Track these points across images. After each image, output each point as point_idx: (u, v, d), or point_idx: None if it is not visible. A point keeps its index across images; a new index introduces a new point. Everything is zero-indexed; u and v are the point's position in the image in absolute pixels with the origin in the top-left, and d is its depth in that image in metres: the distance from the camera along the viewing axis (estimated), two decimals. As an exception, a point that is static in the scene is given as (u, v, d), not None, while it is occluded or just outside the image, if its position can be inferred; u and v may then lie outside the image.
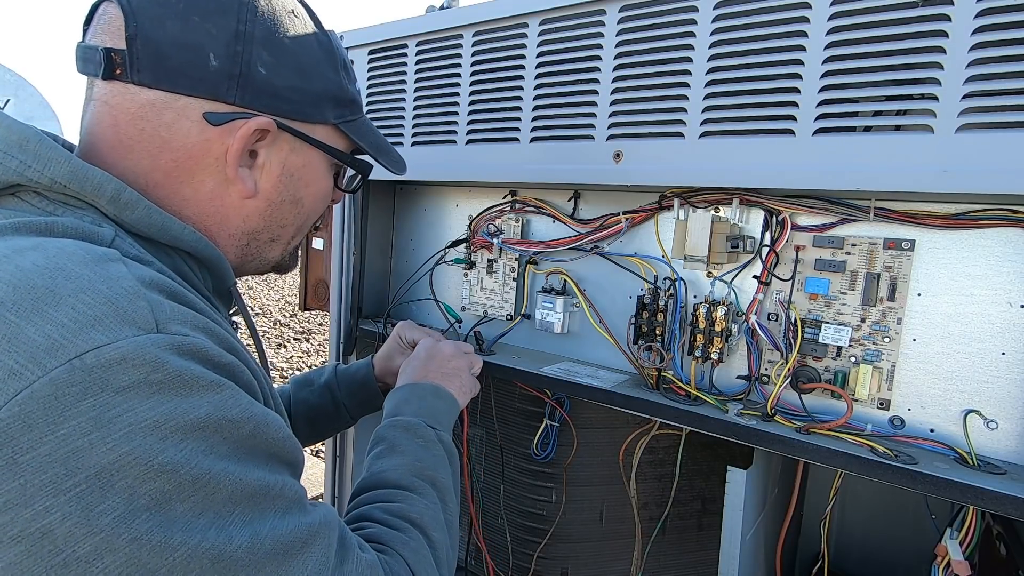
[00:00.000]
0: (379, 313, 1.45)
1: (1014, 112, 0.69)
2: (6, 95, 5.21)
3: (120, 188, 0.55)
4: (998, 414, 0.80)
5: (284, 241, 0.73)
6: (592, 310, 1.12)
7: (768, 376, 0.96)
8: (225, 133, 0.61)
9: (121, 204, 0.55)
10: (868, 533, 1.38)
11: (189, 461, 0.44)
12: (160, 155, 0.60)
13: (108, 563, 0.40)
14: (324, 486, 1.48)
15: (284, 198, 0.69)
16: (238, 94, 0.61)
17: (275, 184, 0.67)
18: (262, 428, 0.51)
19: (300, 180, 0.69)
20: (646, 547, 1.19)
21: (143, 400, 0.43)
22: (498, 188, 1.26)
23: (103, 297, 0.44)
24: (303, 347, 6.65)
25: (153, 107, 0.59)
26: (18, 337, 0.41)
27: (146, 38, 0.57)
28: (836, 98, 0.79)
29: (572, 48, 1.01)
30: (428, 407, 0.88)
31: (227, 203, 0.65)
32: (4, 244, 0.47)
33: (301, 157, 0.68)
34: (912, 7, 0.73)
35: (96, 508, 0.40)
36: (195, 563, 0.43)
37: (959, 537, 0.83)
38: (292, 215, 0.71)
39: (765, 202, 0.93)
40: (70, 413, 0.40)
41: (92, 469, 0.40)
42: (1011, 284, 0.79)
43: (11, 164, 0.52)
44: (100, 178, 0.54)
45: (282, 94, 0.63)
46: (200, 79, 0.59)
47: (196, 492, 0.44)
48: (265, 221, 0.69)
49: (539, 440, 1.19)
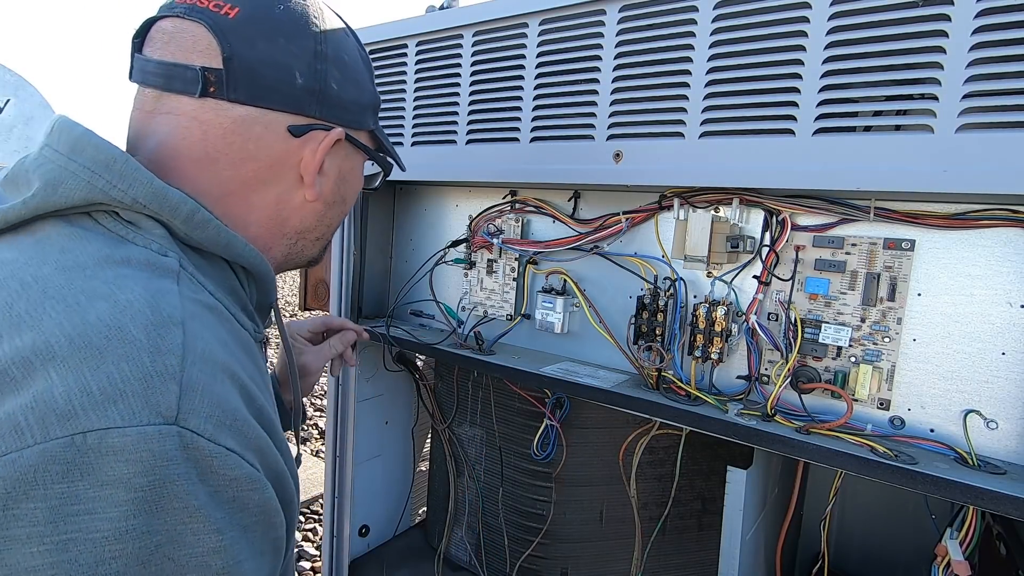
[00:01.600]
0: (379, 313, 1.45)
1: (1014, 112, 0.69)
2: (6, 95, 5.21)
3: (195, 209, 0.58)
4: (998, 414, 0.80)
5: (326, 239, 0.78)
6: (592, 310, 1.12)
7: (768, 376, 0.96)
8: (303, 143, 0.66)
9: (193, 224, 0.58)
10: (868, 533, 1.38)
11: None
12: (243, 166, 0.64)
13: None
14: (324, 486, 1.48)
15: (336, 199, 0.74)
16: (317, 108, 0.66)
17: (333, 188, 0.72)
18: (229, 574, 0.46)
19: (348, 183, 0.75)
20: (646, 547, 1.19)
21: (109, 507, 0.39)
22: (498, 188, 1.26)
23: (141, 372, 0.43)
24: (303, 347, 6.64)
25: (244, 122, 0.63)
26: (45, 396, 0.40)
27: (241, 58, 0.61)
28: (836, 98, 0.79)
29: (572, 48, 1.01)
30: None
31: (291, 205, 0.69)
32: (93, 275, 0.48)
33: (351, 161, 0.74)
34: (912, 7, 0.73)
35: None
36: None
37: (959, 537, 0.83)
38: (338, 215, 0.76)
39: (765, 202, 0.93)
40: (36, 494, 0.38)
41: (5, 569, 0.37)
42: (1011, 284, 0.79)
43: (99, 183, 0.53)
44: (177, 199, 0.57)
45: (347, 106, 0.69)
46: (288, 95, 0.64)
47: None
48: (318, 221, 0.73)
49: (539, 440, 1.19)
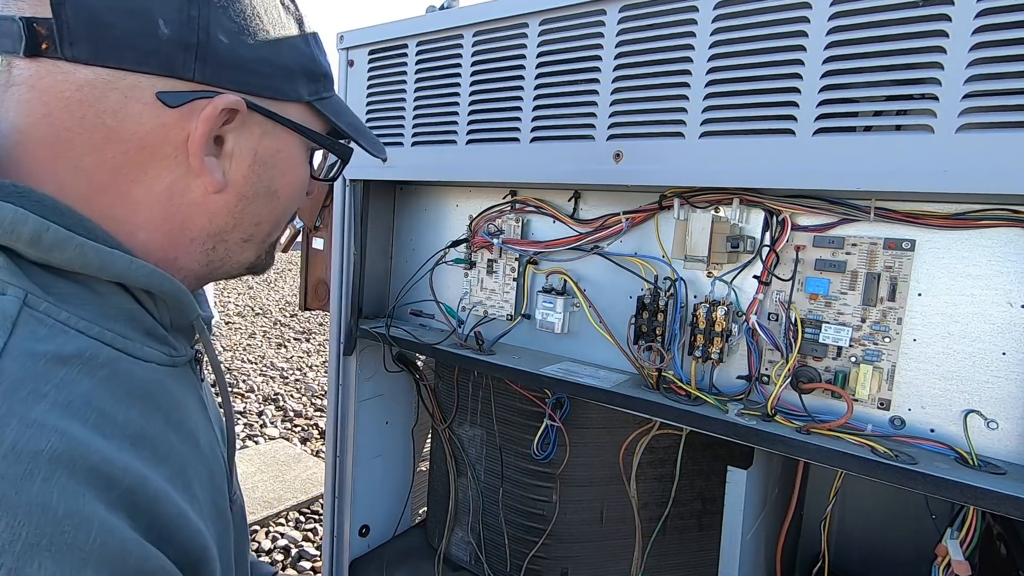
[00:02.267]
0: (379, 313, 1.45)
1: (1014, 112, 0.69)
2: (6, 95, 5.19)
3: (40, 228, 0.44)
4: (998, 414, 0.80)
5: (259, 240, 0.63)
6: (592, 310, 1.12)
7: (768, 376, 0.96)
8: (185, 116, 0.51)
9: (43, 247, 0.45)
10: (868, 533, 1.38)
11: None
12: (106, 148, 0.50)
13: None
14: (324, 486, 1.48)
15: (258, 190, 0.59)
16: (197, 68, 0.51)
17: (246, 174, 0.57)
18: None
19: (275, 168, 0.60)
20: (646, 547, 1.19)
21: None
22: (498, 188, 1.26)
23: None
24: (303, 347, 6.65)
25: (94, 88, 0.48)
26: None
27: (77, 2, 0.47)
28: (836, 98, 0.79)
29: (572, 48, 1.01)
30: None
31: (189, 200, 0.55)
32: None
33: (275, 141, 0.59)
34: (912, 7, 0.73)
35: None
36: None
37: (959, 537, 0.83)
38: (267, 210, 0.61)
39: (765, 202, 0.93)
40: None
41: None
42: (1011, 284, 0.79)
43: None
44: (12, 217, 0.43)
45: (250, 66, 0.54)
46: (149, 51, 0.49)
47: None
48: (236, 218, 0.59)
49: (539, 440, 1.19)
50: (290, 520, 3.18)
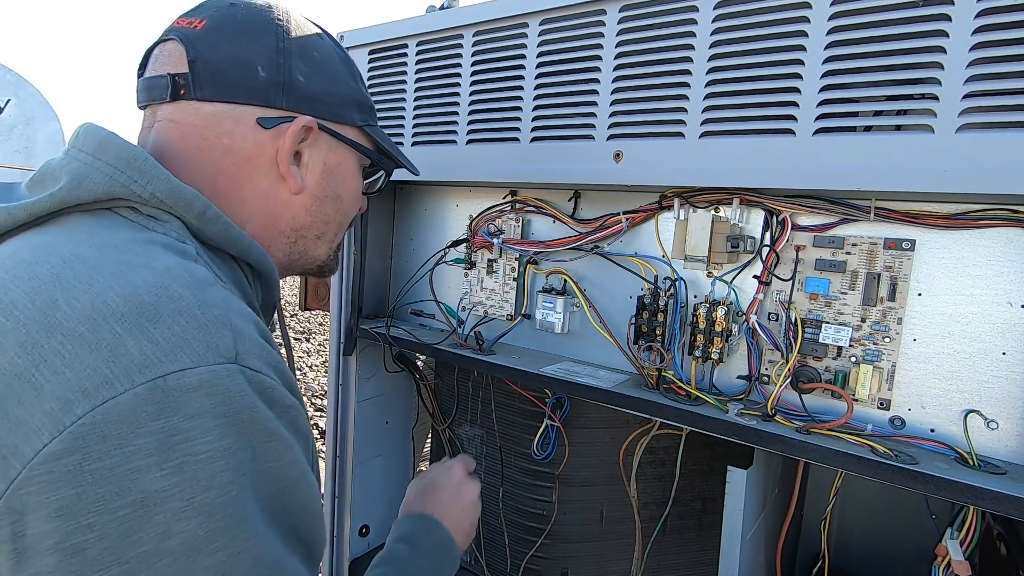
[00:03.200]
0: (379, 313, 1.45)
1: (1014, 112, 0.69)
2: (6, 95, 5.21)
3: (207, 205, 0.62)
4: (998, 414, 0.80)
5: (329, 238, 0.79)
6: (592, 310, 1.12)
7: (768, 376, 0.96)
8: (276, 135, 0.69)
9: (206, 219, 0.62)
10: (868, 533, 1.38)
11: (227, 508, 0.46)
12: (223, 160, 0.67)
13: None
14: (324, 486, 1.48)
15: (327, 194, 0.76)
16: (284, 99, 0.69)
17: (318, 180, 0.74)
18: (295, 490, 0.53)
19: (338, 177, 0.76)
20: (646, 547, 1.19)
21: (205, 432, 0.46)
22: (498, 188, 1.26)
23: (197, 323, 0.49)
24: (303, 347, 6.65)
25: (215, 118, 0.67)
26: (119, 347, 0.45)
27: (205, 60, 0.66)
28: (836, 98, 0.79)
29: (572, 48, 1.01)
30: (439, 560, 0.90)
31: (279, 201, 0.72)
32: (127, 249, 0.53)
33: (337, 155, 0.76)
34: (912, 7, 0.73)
35: (131, 537, 0.42)
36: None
37: (959, 537, 0.83)
38: (334, 211, 0.78)
39: (765, 202, 0.93)
40: (142, 431, 0.43)
41: (140, 493, 0.42)
42: (1011, 284, 0.79)
43: (120, 179, 0.58)
44: (191, 195, 0.61)
45: (318, 97, 0.71)
46: (252, 89, 0.67)
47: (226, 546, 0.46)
48: (311, 217, 0.75)
49: (539, 440, 1.19)
50: (290, 520, 3.18)
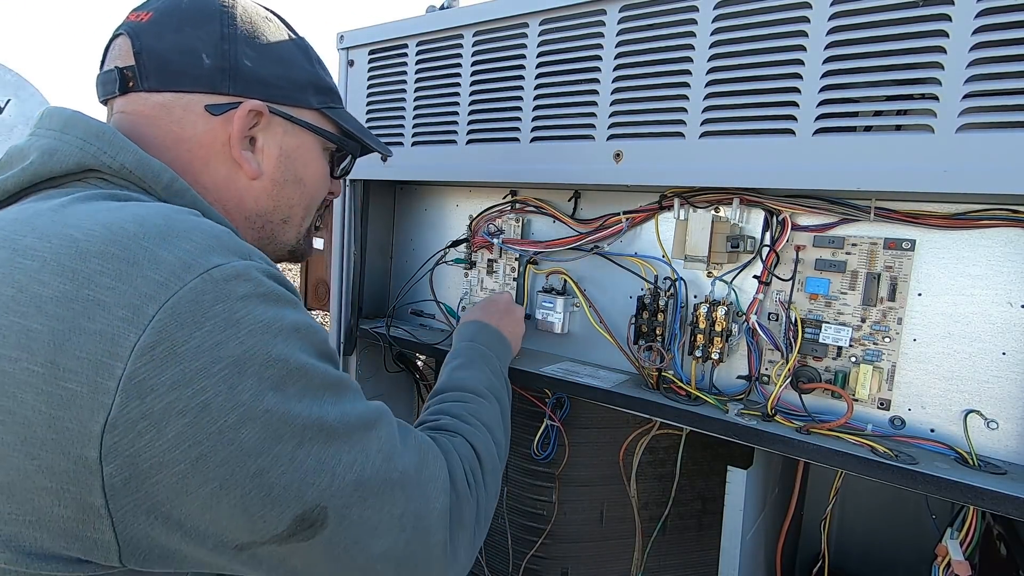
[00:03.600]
0: (379, 313, 1.45)
1: (1014, 112, 0.68)
2: (6, 95, 5.21)
3: (174, 177, 0.64)
4: (998, 414, 0.80)
5: (296, 222, 0.80)
6: (592, 310, 1.12)
7: (768, 376, 0.96)
8: (226, 122, 0.69)
9: (173, 191, 0.64)
10: (868, 533, 1.38)
11: (292, 355, 0.55)
12: (176, 148, 0.68)
13: (249, 429, 0.51)
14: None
15: (287, 178, 0.76)
16: (230, 85, 0.69)
17: (276, 164, 0.75)
18: (327, 340, 0.62)
19: (298, 160, 0.77)
20: (646, 547, 1.19)
21: (256, 307, 0.53)
22: (498, 188, 1.26)
23: (209, 234, 0.54)
24: (303, 347, 6.64)
25: (164, 107, 0.68)
26: (157, 258, 0.50)
27: (149, 51, 0.67)
28: (836, 98, 0.79)
29: (572, 48, 1.01)
30: (497, 347, 1.03)
31: (239, 186, 0.73)
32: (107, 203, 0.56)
33: (295, 139, 0.76)
34: (912, 7, 0.73)
35: (237, 387, 0.50)
36: (308, 430, 0.55)
37: (959, 537, 0.83)
38: (297, 195, 0.78)
39: (765, 202, 0.93)
40: (209, 314, 0.50)
41: (230, 358, 0.50)
42: (1011, 284, 0.79)
43: (90, 149, 0.60)
44: (158, 167, 0.63)
45: (268, 81, 0.72)
46: (197, 76, 0.68)
47: (301, 378, 0.55)
48: (274, 201, 0.76)
49: (539, 440, 1.19)
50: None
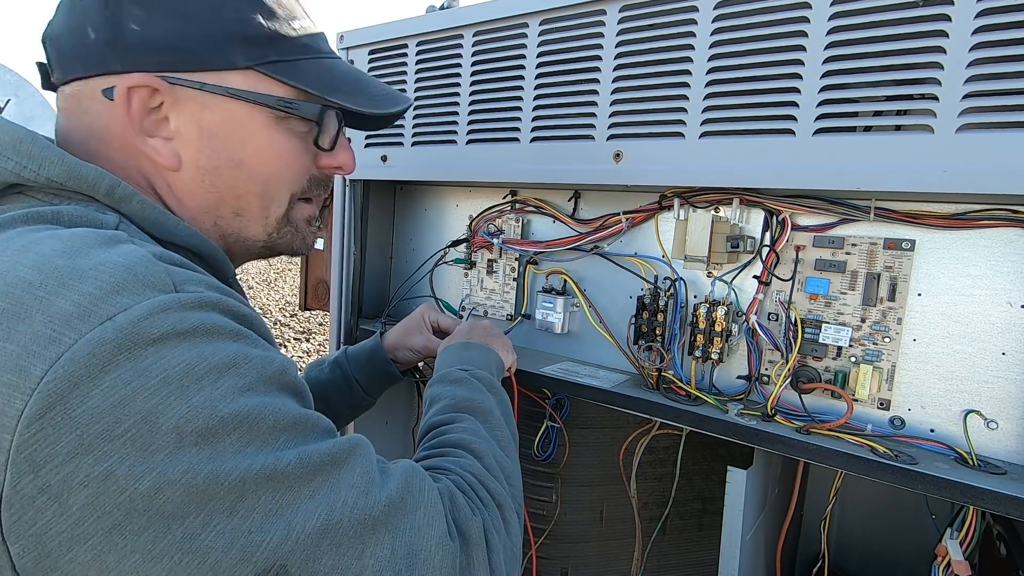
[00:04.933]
0: (379, 313, 1.45)
1: (1014, 112, 0.68)
2: (6, 95, 5.21)
3: (115, 183, 0.55)
4: (998, 414, 0.80)
5: (255, 213, 0.67)
6: (592, 310, 1.12)
7: (768, 376, 0.96)
8: (123, 105, 0.58)
9: (117, 198, 0.55)
10: (868, 533, 1.38)
11: (223, 400, 0.46)
12: (91, 142, 0.59)
13: (168, 495, 0.43)
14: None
15: (218, 163, 0.63)
16: (117, 59, 0.57)
17: (198, 148, 0.61)
18: (288, 370, 0.53)
19: (228, 139, 0.62)
20: (646, 547, 1.19)
21: (172, 349, 0.45)
22: (498, 188, 1.26)
23: (122, 267, 0.46)
24: (303, 347, 6.65)
25: (74, 98, 0.59)
26: (51, 310, 0.44)
27: (50, 38, 0.59)
28: (836, 98, 0.79)
29: (572, 48, 1.01)
30: (458, 357, 0.92)
31: (168, 181, 0.62)
32: (18, 236, 0.49)
33: (218, 113, 0.61)
34: (912, 7, 0.73)
35: (149, 448, 0.43)
36: (249, 484, 0.46)
37: (959, 537, 0.83)
38: (242, 180, 0.64)
39: (765, 202, 0.93)
40: (110, 367, 0.43)
41: (138, 415, 0.43)
42: (1011, 284, 0.79)
43: (7, 165, 0.52)
44: (94, 175, 0.54)
45: (162, 45, 0.58)
46: (88, 57, 0.57)
47: (239, 426, 0.47)
48: (212, 194, 0.63)
49: (539, 440, 1.19)
50: (290, 520, 3.18)
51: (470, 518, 0.61)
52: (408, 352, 1.11)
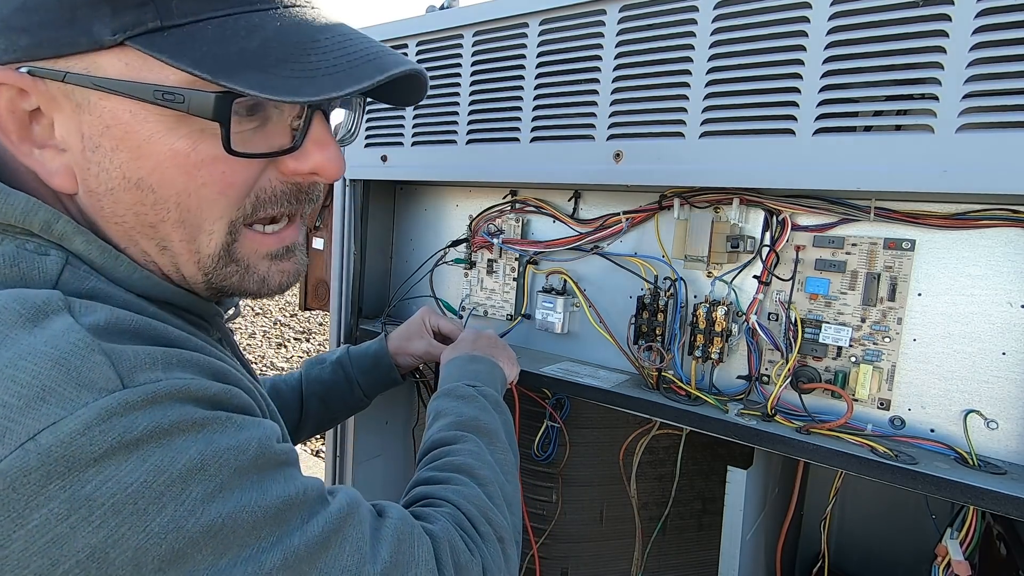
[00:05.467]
0: (379, 313, 1.45)
1: (1014, 112, 0.68)
2: (6, 95, 5.17)
3: (52, 216, 0.43)
4: (998, 414, 0.80)
5: (177, 247, 0.49)
6: (592, 310, 1.12)
7: (768, 376, 0.96)
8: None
9: (56, 236, 0.44)
10: (868, 533, 1.38)
11: (195, 512, 0.39)
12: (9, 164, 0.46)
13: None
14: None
15: (111, 185, 0.46)
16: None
17: (84, 166, 0.46)
18: (265, 443, 0.45)
19: (116, 151, 0.45)
20: (646, 547, 1.19)
21: (121, 465, 0.36)
22: (498, 188, 1.26)
23: (49, 360, 0.36)
24: (303, 347, 6.65)
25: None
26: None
27: None
28: (836, 98, 0.79)
29: (572, 48, 1.01)
30: (465, 372, 0.89)
31: (76, 209, 0.48)
32: None
33: (96, 115, 0.44)
34: (912, 7, 0.73)
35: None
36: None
37: (959, 537, 0.83)
38: (148, 206, 0.46)
39: (765, 202, 0.93)
40: (36, 502, 0.34)
41: (82, 552, 0.35)
42: (1011, 284, 0.79)
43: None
44: (24, 205, 0.43)
45: (11, 23, 0.42)
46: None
47: (211, 539, 0.39)
48: (119, 224, 0.48)
49: (540, 441, 1.19)
50: (290, 520, 3.18)
51: (469, 561, 0.58)
52: (409, 357, 1.11)
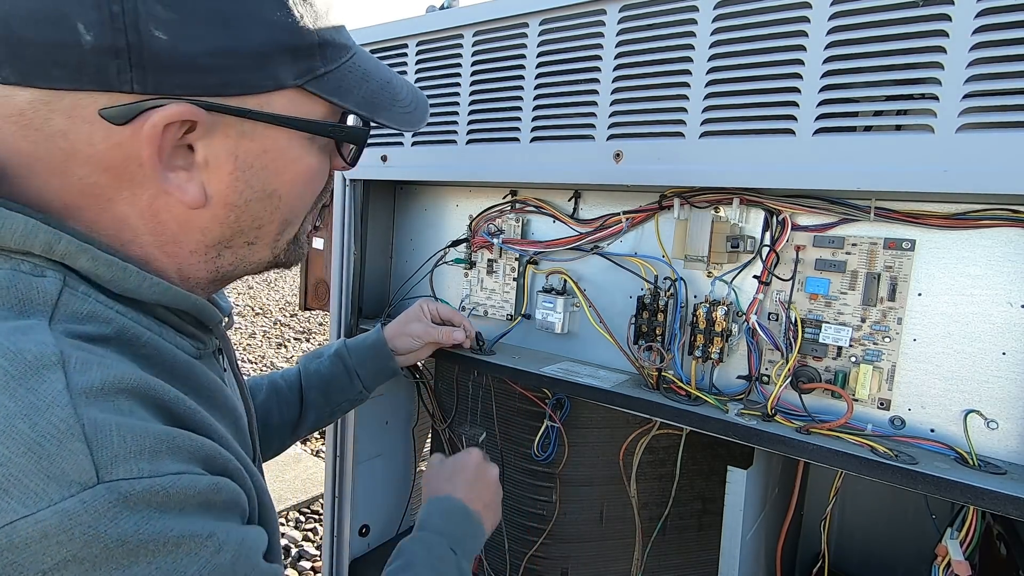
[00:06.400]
0: (379, 313, 1.45)
1: (1014, 112, 0.68)
2: (6, 95, 5.17)
3: (53, 237, 0.43)
4: (998, 414, 0.80)
5: (269, 240, 0.57)
6: (592, 310, 1.12)
7: (768, 376, 0.96)
8: (137, 133, 0.45)
9: (59, 256, 0.44)
10: (868, 533, 1.38)
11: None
12: (68, 172, 0.45)
13: None
14: (324, 486, 1.48)
15: (248, 197, 0.52)
16: (135, 77, 0.43)
17: (230, 183, 0.50)
18: (243, 556, 0.43)
19: (265, 170, 0.52)
20: (646, 547, 1.19)
21: (95, 570, 0.34)
22: (498, 188, 1.26)
23: (23, 444, 0.33)
24: (303, 347, 6.65)
25: (35, 111, 0.43)
26: None
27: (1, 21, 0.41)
28: (836, 98, 0.79)
29: (572, 48, 1.01)
30: (455, 530, 0.82)
31: (174, 217, 0.50)
32: None
33: (258, 142, 0.50)
34: (912, 7, 0.73)
35: None
36: None
37: (959, 537, 0.83)
38: (269, 211, 0.54)
39: (765, 202, 0.93)
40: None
41: None
42: (1011, 284, 0.79)
43: None
44: (24, 228, 0.42)
45: (201, 63, 0.44)
46: (77, 65, 0.41)
47: None
48: (233, 228, 0.53)
49: (539, 441, 1.19)
50: (290, 520, 3.19)
51: None
52: (407, 339, 1.11)
